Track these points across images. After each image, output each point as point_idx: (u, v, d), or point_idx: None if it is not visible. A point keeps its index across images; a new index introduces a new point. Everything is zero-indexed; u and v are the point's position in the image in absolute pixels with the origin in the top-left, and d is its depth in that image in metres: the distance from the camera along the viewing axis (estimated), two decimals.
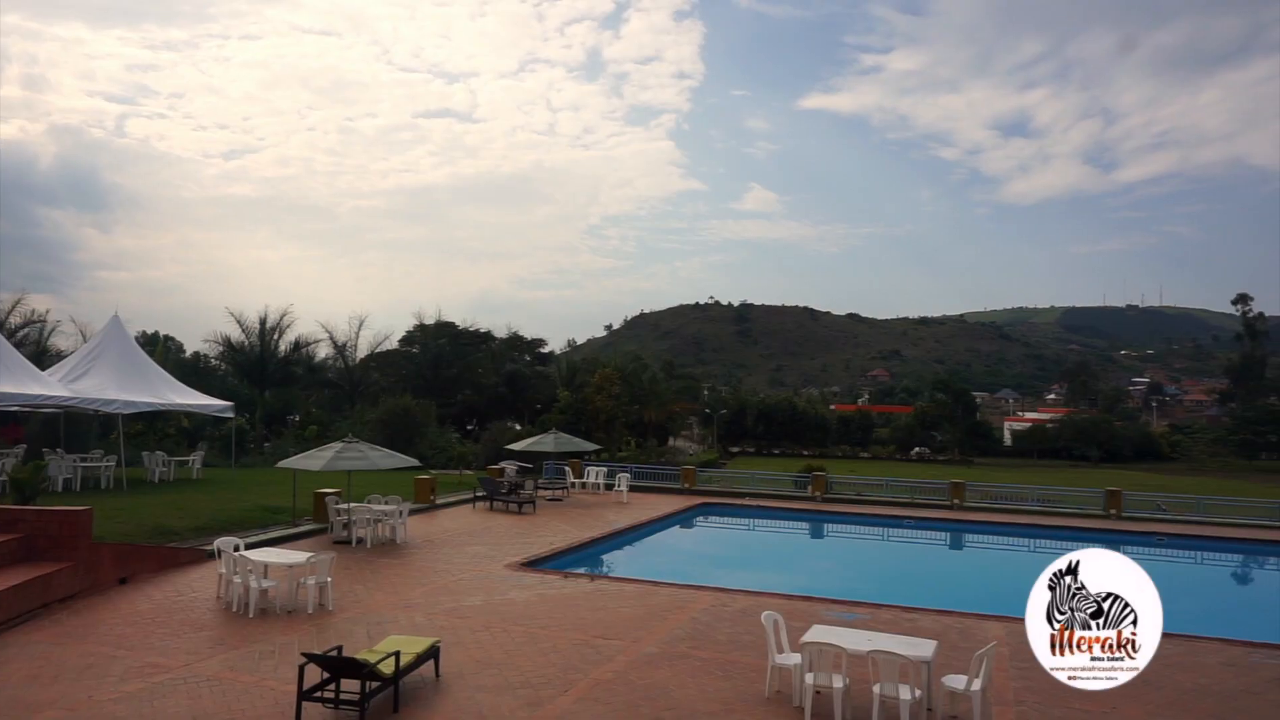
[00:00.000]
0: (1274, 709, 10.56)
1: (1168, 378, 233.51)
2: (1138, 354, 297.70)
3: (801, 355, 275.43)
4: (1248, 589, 24.44)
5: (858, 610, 14.89)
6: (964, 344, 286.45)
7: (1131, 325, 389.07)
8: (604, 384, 52.30)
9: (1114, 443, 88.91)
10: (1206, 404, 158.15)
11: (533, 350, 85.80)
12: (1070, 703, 10.48)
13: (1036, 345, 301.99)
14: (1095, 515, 29.32)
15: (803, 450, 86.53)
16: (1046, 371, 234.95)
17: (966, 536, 28.20)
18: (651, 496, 31.75)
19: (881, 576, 23.17)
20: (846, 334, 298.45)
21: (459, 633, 12.67)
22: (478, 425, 65.17)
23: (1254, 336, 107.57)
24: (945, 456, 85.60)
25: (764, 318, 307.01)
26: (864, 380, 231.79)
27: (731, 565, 23.94)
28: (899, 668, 9.20)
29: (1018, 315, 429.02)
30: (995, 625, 14.17)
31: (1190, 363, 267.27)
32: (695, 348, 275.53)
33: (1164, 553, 25.77)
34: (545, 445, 31.31)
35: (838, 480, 36.77)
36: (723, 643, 12.62)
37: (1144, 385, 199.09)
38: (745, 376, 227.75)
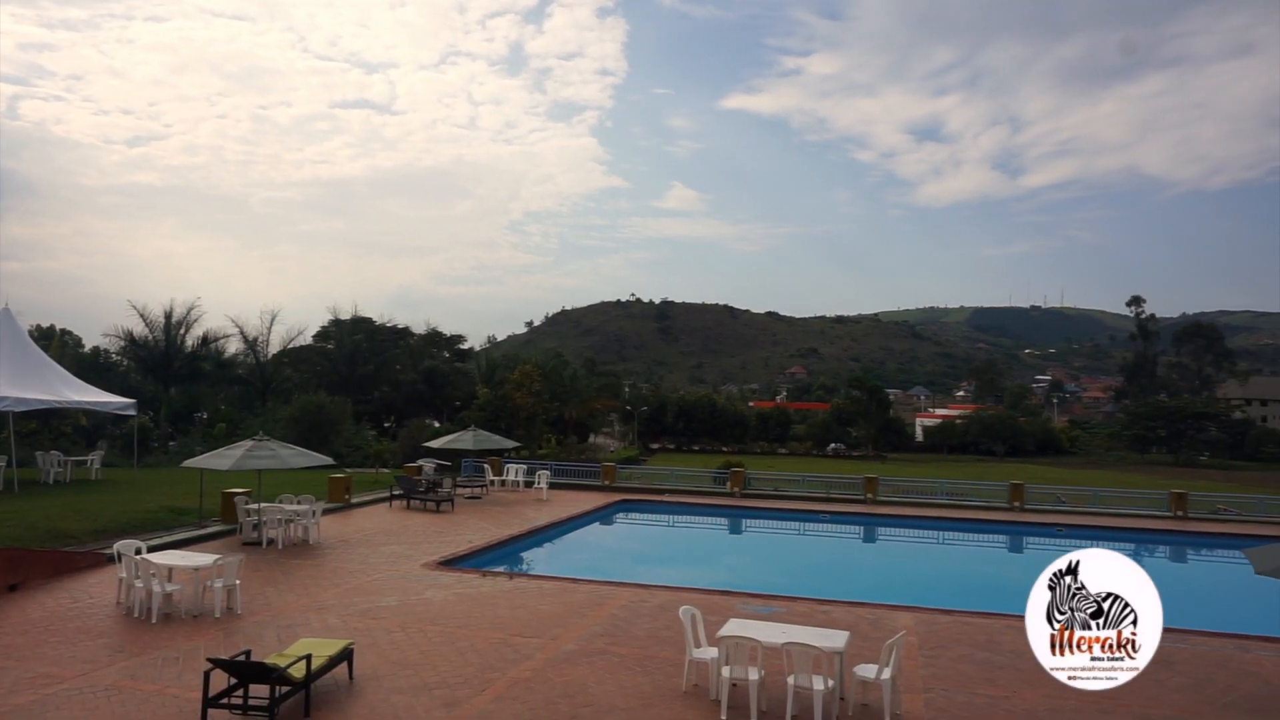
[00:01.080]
0: (1157, 688, 11.15)
1: (1068, 375, 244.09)
2: (1041, 353, 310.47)
3: (721, 353, 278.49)
4: None
5: (774, 604, 15.15)
6: (878, 342, 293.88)
7: (1035, 325, 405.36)
8: (524, 381, 51.92)
9: (1018, 438, 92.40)
10: (1103, 401, 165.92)
11: (452, 347, 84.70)
12: (975, 689, 10.88)
13: (947, 344, 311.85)
14: (1000, 508, 30.44)
15: (722, 446, 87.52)
16: (956, 369, 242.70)
17: (879, 530, 28.96)
18: (572, 493, 31.70)
19: (797, 570, 23.63)
20: (765, 332, 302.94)
21: (374, 634, 12.44)
22: (395, 423, 64.01)
23: (1146, 337, 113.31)
24: (860, 452, 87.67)
25: (685, 315, 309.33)
26: (782, 378, 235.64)
27: (651, 561, 24.10)
28: (813, 659, 9.40)
29: (929, 315, 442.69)
30: (905, 615, 14.61)
31: (1089, 361, 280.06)
32: (617, 345, 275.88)
33: (1063, 543, 26.91)
34: (464, 443, 30.95)
35: (756, 476, 37.34)
36: (641, 638, 12.70)
37: (1046, 383, 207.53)
38: (666, 374, 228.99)
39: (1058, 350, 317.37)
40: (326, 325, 74.45)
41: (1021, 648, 12.84)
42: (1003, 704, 10.35)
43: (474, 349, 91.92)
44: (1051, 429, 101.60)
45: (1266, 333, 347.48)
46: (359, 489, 28.81)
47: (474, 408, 53.76)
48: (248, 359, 64.96)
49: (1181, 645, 13.25)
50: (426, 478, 30.32)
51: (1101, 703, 10.48)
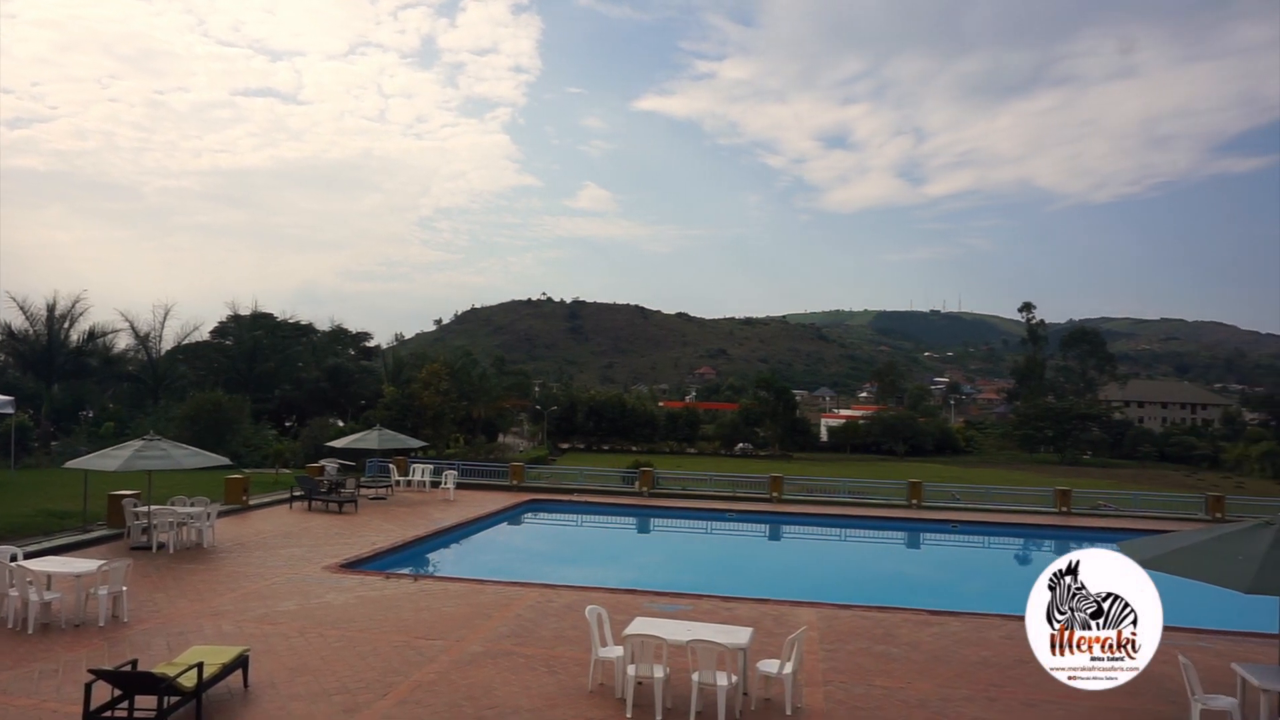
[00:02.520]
0: (1041, 674, 11.64)
1: (965, 377, 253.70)
2: (939, 356, 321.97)
3: (632, 353, 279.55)
4: (1027, 568, 26.93)
5: (680, 602, 15.31)
6: (786, 344, 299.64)
7: (935, 329, 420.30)
8: (432, 379, 51.07)
9: (918, 438, 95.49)
10: (996, 402, 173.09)
11: (358, 344, 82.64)
12: (872, 680, 11.23)
13: (851, 346, 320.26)
14: (899, 505, 31.44)
15: (631, 446, 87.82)
16: (859, 371, 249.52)
17: (784, 528, 29.55)
18: (479, 493, 31.34)
19: (704, 568, 23.92)
20: (676, 333, 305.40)
21: (271, 640, 12.06)
22: (297, 422, 62.13)
23: (1036, 341, 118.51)
24: (767, 452, 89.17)
25: (596, 315, 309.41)
26: (692, 378, 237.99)
27: (559, 561, 24.02)
28: (717, 656, 9.55)
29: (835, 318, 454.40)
30: (808, 611, 14.97)
31: (984, 364, 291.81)
32: (527, 344, 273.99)
33: (957, 539, 28.02)
34: (369, 442, 30.27)
35: (664, 476, 37.64)
36: (547, 638, 12.67)
37: (944, 384, 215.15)
38: (576, 373, 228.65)
39: (955, 353, 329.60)
40: (224, 321, 71.66)
41: (917, 640, 13.35)
42: (897, 694, 10.71)
43: (381, 347, 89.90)
44: (949, 429, 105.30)
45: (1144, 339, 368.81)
46: (258, 490, 27.87)
47: (380, 406, 52.59)
48: (138, 355, 61.97)
49: None
50: (329, 478, 29.54)
51: (989, 690, 10.97)
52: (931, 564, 26.60)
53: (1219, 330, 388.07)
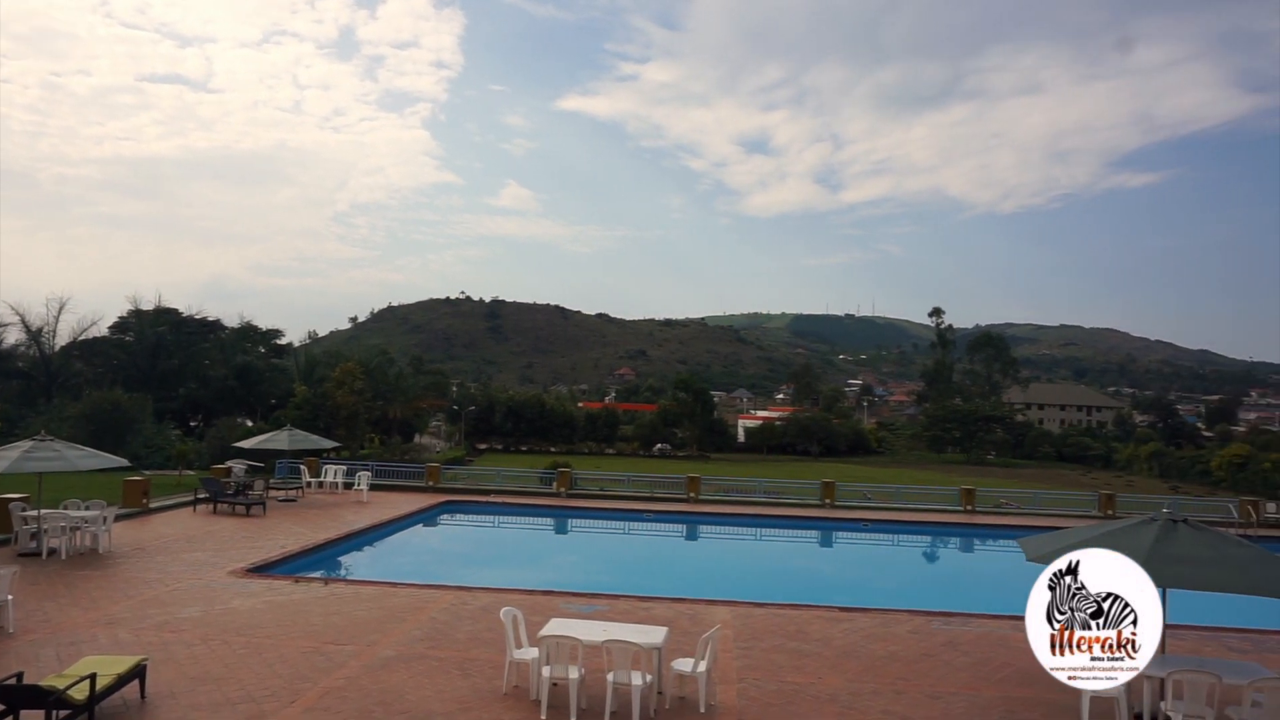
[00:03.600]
0: (945, 668, 12.13)
1: (877, 380, 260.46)
2: (854, 358, 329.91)
3: (552, 353, 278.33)
4: (933, 565, 27.83)
5: (596, 602, 15.32)
6: (704, 345, 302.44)
7: (849, 332, 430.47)
8: (346, 378, 49.90)
9: (832, 439, 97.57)
10: (907, 404, 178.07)
11: (268, 341, 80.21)
12: (784, 677, 11.44)
13: (769, 348, 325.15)
14: (813, 505, 32.07)
15: (550, 447, 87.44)
16: (776, 373, 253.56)
17: (701, 528, 29.82)
18: (394, 495, 30.77)
19: (621, 569, 23.98)
20: (596, 333, 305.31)
21: (171, 648, 11.62)
22: (203, 422, 59.99)
23: (944, 345, 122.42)
24: (685, 452, 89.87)
25: (515, 315, 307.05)
26: (611, 379, 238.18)
27: (475, 563, 23.77)
28: (632, 655, 9.59)
29: (753, 320, 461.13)
30: (723, 609, 15.15)
31: (896, 367, 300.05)
32: (445, 343, 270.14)
33: (868, 537, 28.74)
34: (279, 442, 29.41)
35: (583, 476, 37.62)
36: (462, 641, 12.52)
37: (858, 386, 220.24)
38: (495, 373, 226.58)
39: (869, 356, 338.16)
40: (125, 316, 68.70)
41: (828, 636, 13.66)
42: (809, 690, 10.94)
43: (293, 345, 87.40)
44: (862, 430, 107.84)
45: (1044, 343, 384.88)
46: (159, 492, 26.81)
47: (291, 406, 51.20)
48: (30, 351, 58.96)
49: (966, 628, 14.46)
50: (236, 480, 28.60)
51: (896, 684, 11.29)
52: (843, 562, 27.22)
53: (1112, 337, 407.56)
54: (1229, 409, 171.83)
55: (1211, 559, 9.32)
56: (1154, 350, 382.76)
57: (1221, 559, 9.36)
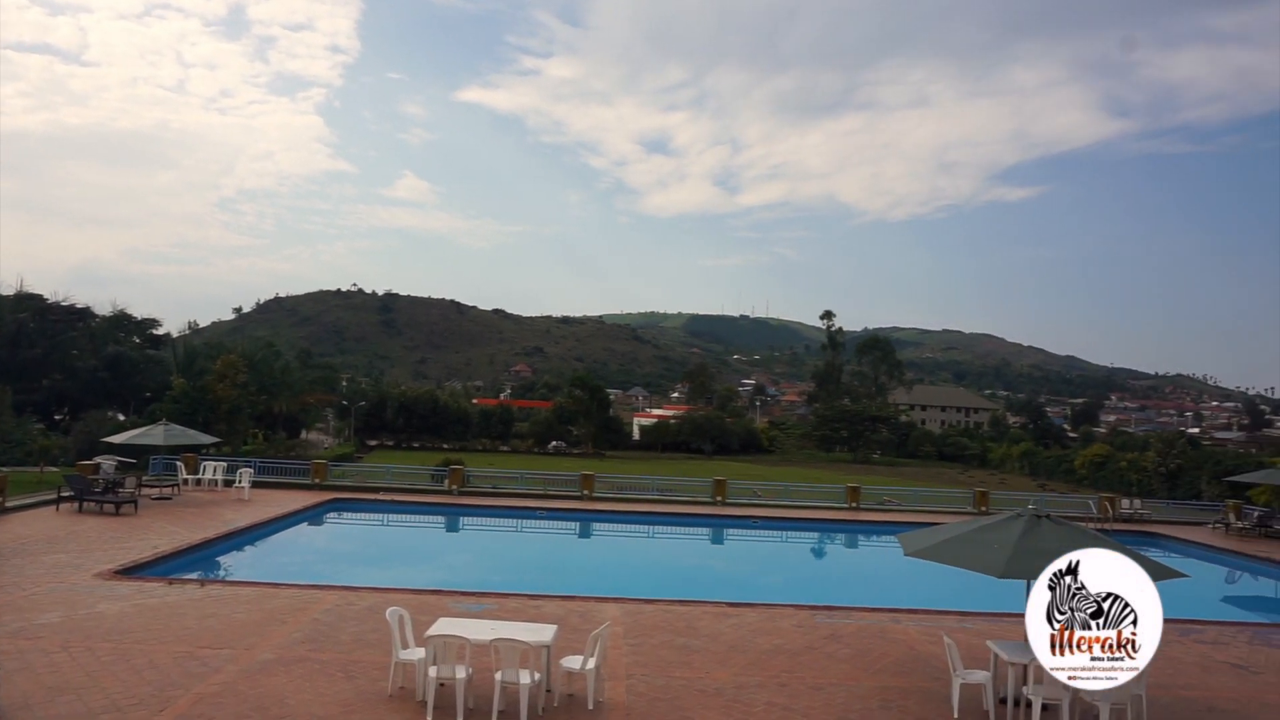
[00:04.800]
0: (827, 660, 12.54)
1: (770, 380, 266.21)
2: (748, 359, 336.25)
3: (446, 348, 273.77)
4: (819, 561, 28.69)
5: (486, 601, 15.19)
6: (601, 344, 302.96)
7: (744, 333, 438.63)
8: (228, 371, 47.84)
9: (725, 437, 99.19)
10: (798, 404, 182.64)
11: (144, 331, 76.23)
12: (672, 672, 11.60)
13: (665, 347, 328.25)
14: (705, 502, 32.57)
15: (443, 444, 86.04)
16: (672, 372, 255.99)
17: (594, 525, 29.90)
18: (278, 493, 29.71)
19: (512, 567, 23.82)
20: (492, 329, 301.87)
21: (28, 656, 10.93)
22: (69, 415, 56.44)
23: (834, 347, 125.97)
24: (580, 450, 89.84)
25: (410, 309, 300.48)
26: (507, 375, 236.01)
27: (362, 562, 23.20)
28: (520, 654, 9.56)
29: (650, 319, 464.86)
30: (613, 606, 15.24)
31: (788, 368, 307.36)
32: (336, 336, 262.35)
33: (758, 533, 29.39)
34: (153, 438, 27.97)
35: (475, 473, 37.20)
36: (346, 643, 12.22)
37: (751, 386, 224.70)
38: (388, 368, 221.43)
39: (762, 357, 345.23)
40: None
41: (716, 631, 13.92)
42: (696, 684, 11.13)
43: (171, 335, 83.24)
44: (754, 429, 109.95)
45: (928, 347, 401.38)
46: (18, 491, 25.18)
47: (167, 399, 48.66)
48: None
49: (848, 621, 14.98)
50: (105, 477, 27.05)
51: (781, 677, 11.60)
52: (733, 558, 27.77)
53: (990, 342, 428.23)
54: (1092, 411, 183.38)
55: (1069, 552, 9.90)
56: (1027, 355, 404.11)
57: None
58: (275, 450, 49.50)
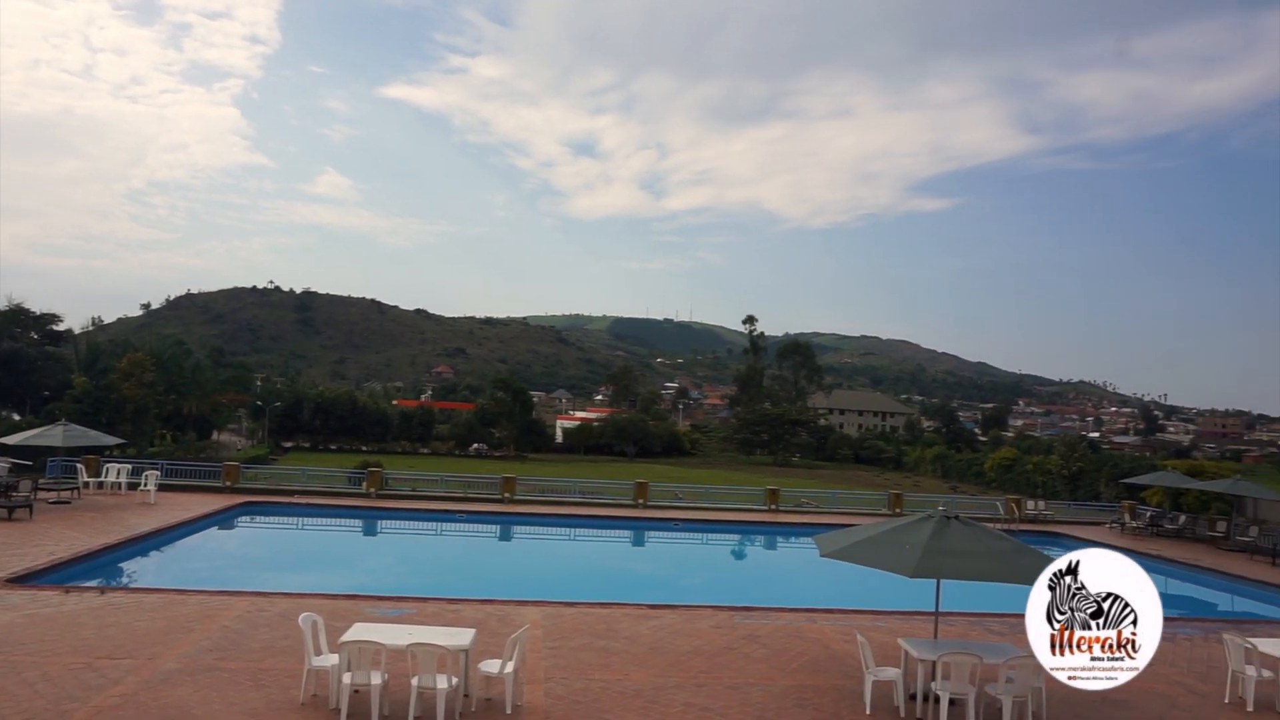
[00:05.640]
0: (744, 660, 12.72)
1: (693, 383, 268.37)
2: (671, 362, 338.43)
3: (366, 349, 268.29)
4: (738, 562, 29.06)
5: (404, 605, 14.96)
6: (525, 345, 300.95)
7: (668, 336, 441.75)
8: (134, 370, 46.06)
9: (648, 440, 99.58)
10: (720, 407, 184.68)
11: (42, 327, 72.49)
12: (591, 674, 11.62)
13: (589, 350, 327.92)
14: (627, 505, 32.65)
15: (362, 446, 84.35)
16: (596, 374, 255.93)
17: (515, 528, 29.69)
18: (187, 496, 28.68)
19: (432, 570, 23.50)
20: (414, 329, 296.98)
21: None
22: None
23: (756, 352, 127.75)
24: (502, 452, 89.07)
25: (328, 307, 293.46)
26: (429, 376, 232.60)
27: (275, 567, 22.59)
28: (437, 658, 9.45)
29: (574, 321, 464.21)
30: (533, 610, 15.18)
31: (711, 371, 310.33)
32: (250, 335, 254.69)
33: (679, 536, 29.59)
34: (52, 439, 26.70)
35: (394, 476, 36.56)
36: (257, 650, 11.88)
37: (674, 389, 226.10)
38: (305, 368, 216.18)
39: (685, 360, 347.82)
40: None
41: (636, 633, 13.98)
42: (615, 686, 11.16)
43: (73, 331, 79.48)
44: (676, 432, 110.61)
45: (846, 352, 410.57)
46: None
47: (67, 399, 46.58)
48: None
49: (765, 621, 15.21)
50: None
51: (699, 678, 11.72)
52: (654, 561, 27.91)
53: (905, 348, 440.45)
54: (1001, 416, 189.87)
55: (976, 551, 10.29)
56: (940, 361, 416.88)
57: (985, 552, 10.35)
58: (184, 452, 47.80)
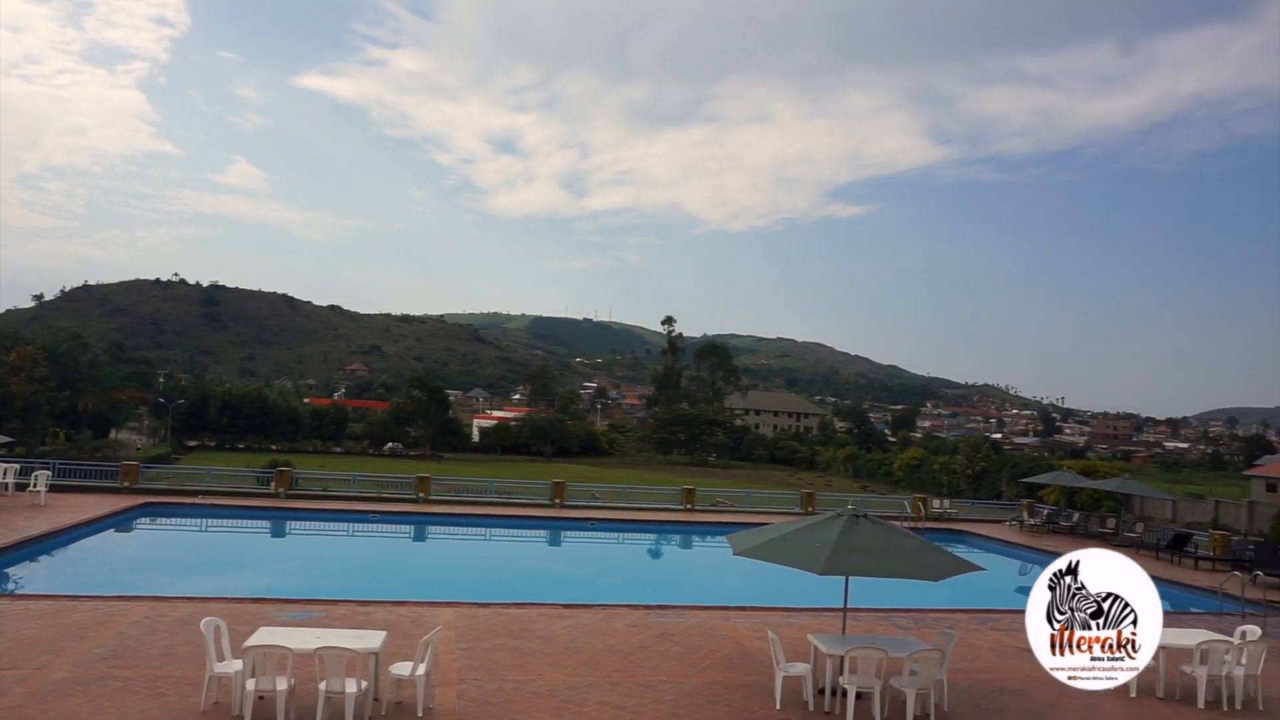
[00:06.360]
0: (658, 658, 12.84)
1: (611, 384, 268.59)
2: (590, 362, 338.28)
3: (277, 345, 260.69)
4: (655, 561, 29.29)
5: (312, 608, 14.62)
6: (443, 343, 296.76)
7: (587, 336, 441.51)
8: (24, 364, 43.86)
9: (565, 439, 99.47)
10: (638, 407, 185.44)
11: None
12: (505, 675, 11.56)
13: (508, 349, 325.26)
14: (543, 505, 32.51)
15: (271, 445, 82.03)
16: (514, 374, 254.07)
17: (430, 529, 29.28)
18: (81, 497, 27.38)
19: (343, 572, 22.99)
20: (327, 326, 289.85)
21: None
22: None
23: (674, 352, 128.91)
24: (417, 452, 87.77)
25: (237, 302, 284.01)
26: (342, 374, 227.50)
27: (177, 571, 21.76)
28: (346, 662, 9.27)
29: (493, 320, 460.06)
30: (447, 611, 15.01)
31: (629, 371, 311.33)
32: (153, 329, 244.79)
33: (595, 535, 29.63)
34: None
35: (305, 476, 35.69)
36: (155, 657, 11.45)
37: (593, 389, 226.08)
38: (211, 364, 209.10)
39: (604, 360, 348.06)
40: None
41: (551, 633, 13.97)
42: (529, 686, 11.13)
43: None
44: (594, 432, 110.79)
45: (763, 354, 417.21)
46: None
47: None
48: None
49: (679, 620, 15.38)
50: None
51: (613, 676, 11.77)
52: (570, 560, 27.89)
53: (820, 350, 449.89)
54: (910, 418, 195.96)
55: (883, 549, 10.62)
56: (853, 364, 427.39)
57: (891, 549, 10.69)
58: (79, 451, 45.72)
